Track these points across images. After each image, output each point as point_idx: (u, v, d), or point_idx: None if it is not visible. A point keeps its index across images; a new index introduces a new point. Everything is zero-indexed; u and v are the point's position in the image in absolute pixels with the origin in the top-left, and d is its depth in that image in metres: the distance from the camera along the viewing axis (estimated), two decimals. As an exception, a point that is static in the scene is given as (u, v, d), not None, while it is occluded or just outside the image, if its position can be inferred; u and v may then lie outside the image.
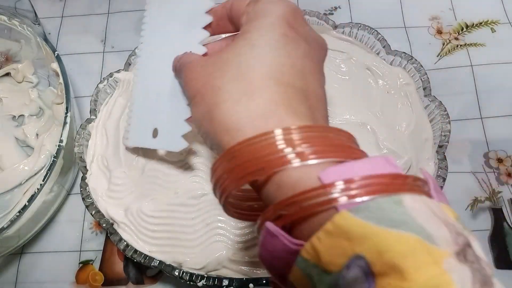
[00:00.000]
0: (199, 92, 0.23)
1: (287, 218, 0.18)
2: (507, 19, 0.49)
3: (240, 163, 0.19)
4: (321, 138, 0.19)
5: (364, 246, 0.15)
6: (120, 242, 0.34)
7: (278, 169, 0.18)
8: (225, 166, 0.20)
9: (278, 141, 0.18)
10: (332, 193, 0.16)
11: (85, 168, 0.38)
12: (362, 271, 0.15)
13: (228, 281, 0.32)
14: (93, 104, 0.41)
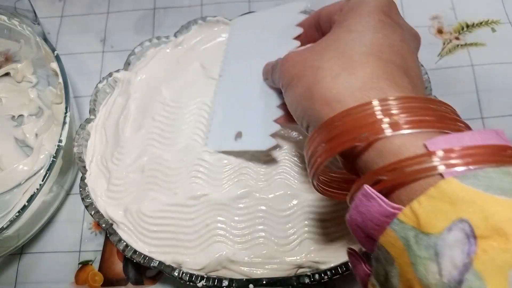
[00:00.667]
0: (296, 75, 0.24)
1: (387, 182, 0.18)
2: (507, 19, 0.49)
3: (340, 131, 0.20)
4: (425, 109, 0.19)
5: (469, 210, 0.15)
6: (119, 242, 0.34)
7: (382, 136, 0.19)
8: (324, 136, 0.21)
9: (382, 110, 0.19)
10: (437, 160, 0.17)
11: (84, 168, 0.38)
12: (464, 234, 0.15)
13: (228, 281, 0.32)
14: (92, 104, 0.41)
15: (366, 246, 0.20)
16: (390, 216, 0.17)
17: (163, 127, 0.38)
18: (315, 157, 0.22)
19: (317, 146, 0.21)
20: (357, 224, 0.19)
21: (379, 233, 0.18)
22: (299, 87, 0.24)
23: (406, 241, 0.17)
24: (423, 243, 0.16)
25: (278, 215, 0.34)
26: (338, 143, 0.20)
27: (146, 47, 0.43)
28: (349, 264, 0.32)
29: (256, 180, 0.35)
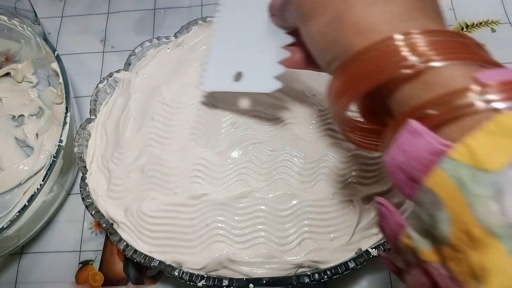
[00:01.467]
0: (320, 3, 0.22)
1: (435, 117, 0.17)
2: (507, 19, 0.49)
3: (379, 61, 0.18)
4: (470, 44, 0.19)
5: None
6: (120, 242, 0.34)
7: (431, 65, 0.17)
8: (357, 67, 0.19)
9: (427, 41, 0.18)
10: (492, 91, 0.16)
11: (84, 168, 0.38)
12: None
13: (228, 281, 0.32)
14: (92, 104, 0.41)
15: (405, 191, 0.18)
16: (439, 154, 0.16)
17: (163, 127, 0.38)
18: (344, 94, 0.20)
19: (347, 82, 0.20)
20: (399, 165, 0.18)
21: (425, 174, 0.16)
22: (325, 15, 0.21)
23: (459, 180, 0.15)
24: (481, 181, 0.15)
25: (278, 215, 0.34)
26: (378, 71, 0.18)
27: (147, 48, 0.43)
28: (348, 264, 0.32)
29: (256, 180, 0.35)
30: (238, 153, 0.37)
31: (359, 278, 0.37)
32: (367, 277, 0.37)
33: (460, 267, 0.16)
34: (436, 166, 0.16)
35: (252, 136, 0.37)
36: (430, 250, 0.17)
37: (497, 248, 0.14)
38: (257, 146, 0.37)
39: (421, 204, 0.17)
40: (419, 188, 0.17)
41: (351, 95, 0.20)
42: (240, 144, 0.37)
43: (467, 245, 0.15)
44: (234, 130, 0.38)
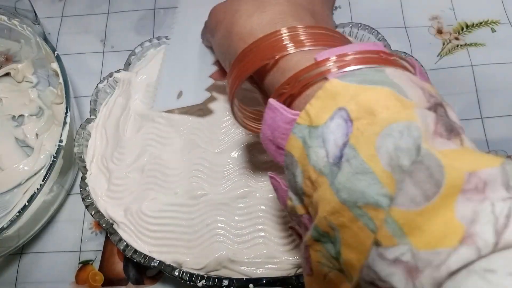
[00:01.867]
0: (219, 20, 0.27)
1: (286, 94, 0.21)
2: (507, 19, 0.49)
3: (251, 56, 0.23)
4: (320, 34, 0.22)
5: (346, 99, 0.18)
6: (120, 242, 0.34)
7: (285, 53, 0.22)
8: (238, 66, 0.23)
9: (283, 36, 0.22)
10: (324, 66, 0.20)
11: (84, 168, 0.38)
12: (343, 119, 0.18)
13: (228, 281, 0.32)
14: (92, 104, 0.41)
15: (278, 159, 0.22)
16: (291, 123, 0.20)
17: (162, 127, 0.38)
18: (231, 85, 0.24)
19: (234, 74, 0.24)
20: (268, 138, 0.22)
21: (285, 141, 0.20)
22: (221, 30, 0.26)
23: (303, 139, 0.19)
24: (313, 135, 0.19)
25: (278, 215, 0.34)
26: (249, 64, 0.23)
27: (147, 48, 0.43)
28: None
29: (256, 180, 0.35)
30: (238, 153, 0.37)
31: (359, 278, 0.37)
32: (367, 277, 0.37)
33: (312, 209, 0.19)
34: (290, 133, 0.20)
35: (252, 136, 0.37)
36: (300, 205, 0.21)
37: (324, 184, 0.18)
38: (257, 146, 0.37)
39: (287, 166, 0.21)
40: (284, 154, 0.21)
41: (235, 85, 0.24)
42: (240, 144, 0.37)
43: (311, 188, 0.19)
44: (234, 130, 0.38)
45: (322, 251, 0.18)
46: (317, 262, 0.19)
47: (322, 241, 0.18)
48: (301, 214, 0.21)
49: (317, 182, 0.18)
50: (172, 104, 0.37)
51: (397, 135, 0.16)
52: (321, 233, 0.18)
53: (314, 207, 0.19)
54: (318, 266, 0.19)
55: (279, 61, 0.22)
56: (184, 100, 0.36)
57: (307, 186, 0.19)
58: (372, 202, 0.16)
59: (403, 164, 0.16)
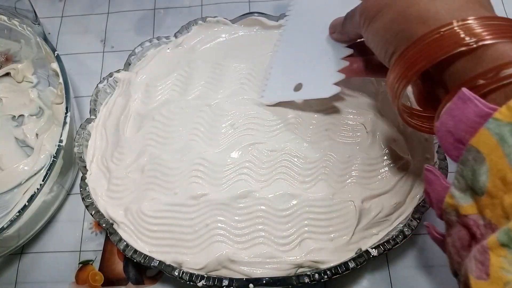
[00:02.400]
0: (385, 5, 0.25)
1: (484, 86, 0.20)
2: (507, 19, 0.49)
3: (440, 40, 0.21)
4: None
5: None
6: (120, 242, 0.34)
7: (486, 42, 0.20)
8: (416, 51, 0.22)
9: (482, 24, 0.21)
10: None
11: (84, 168, 0.38)
12: None
13: (228, 281, 0.32)
14: (92, 104, 0.41)
15: (452, 153, 0.21)
16: (485, 117, 0.18)
17: (162, 127, 0.38)
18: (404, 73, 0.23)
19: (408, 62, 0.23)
20: (448, 129, 0.20)
21: (472, 134, 0.19)
22: (390, 13, 0.25)
23: (501, 136, 0.18)
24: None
25: (278, 215, 0.34)
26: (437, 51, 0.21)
27: (147, 48, 0.43)
28: (348, 264, 0.32)
29: (256, 180, 0.35)
30: (238, 153, 0.37)
31: (359, 278, 0.37)
32: (367, 277, 0.37)
33: (495, 212, 0.18)
34: (482, 127, 0.18)
35: (252, 136, 0.37)
36: (469, 204, 0.19)
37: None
38: (257, 146, 0.37)
39: (465, 162, 0.19)
40: (464, 149, 0.19)
41: (410, 74, 0.23)
42: (240, 144, 0.37)
43: (502, 190, 0.18)
44: (234, 130, 0.38)
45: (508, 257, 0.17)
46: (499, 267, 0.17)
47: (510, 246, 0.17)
48: (466, 214, 0.20)
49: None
50: (288, 95, 0.37)
51: None
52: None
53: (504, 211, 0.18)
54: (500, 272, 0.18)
55: (477, 49, 0.21)
56: (305, 92, 0.36)
57: (495, 186, 0.18)
58: None
59: None
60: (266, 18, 0.44)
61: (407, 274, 0.37)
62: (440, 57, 0.21)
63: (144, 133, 0.38)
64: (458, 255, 0.21)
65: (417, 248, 0.38)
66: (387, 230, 0.34)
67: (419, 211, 0.34)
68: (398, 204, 0.35)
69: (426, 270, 0.37)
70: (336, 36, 0.34)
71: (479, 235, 0.19)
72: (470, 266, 0.19)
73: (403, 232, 0.33)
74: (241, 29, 0.44)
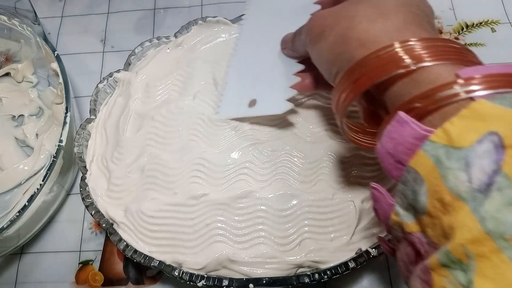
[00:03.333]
0: (328, 25, 0.25)
1: (420, 109, 0.20)
2: (507, 19, 0.49)
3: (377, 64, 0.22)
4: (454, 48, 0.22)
5: (499, 124, 0.17)
6: (119, 242, 0.34)
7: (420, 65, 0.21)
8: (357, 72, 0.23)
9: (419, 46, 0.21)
10: (468, 86, 0.19)
11: (84, 168, 0.38)
12: (494, 144, 0.17)
13: (228, 281, 0.32)
14: (92, 104, 0.41)
15: (393, 174, 0.21)
16: (422, 139, 0.19)
17: (162, 127, 0.38)
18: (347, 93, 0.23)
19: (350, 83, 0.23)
20: (388, 151, 0.21)
21: (410, 156, 0.19)
22: (332, 35, 0.25)
23: (437, 158, 0.18)
24: (453, 156, 0.17)
25: (278, 215, 0.34)
26: (376, 73, 0.22)
27: (147, 48, 0.43)
28: (348, 264, 0.32)
29: (256, 180, 0.35)
30: (238, 153, 0.37)
31: (359, 278, 0.37)
32: (367, 277, 0.37)
33: (435, 231, 0.18)
34: (419, 149, 0.19)
35: (252, 136, 0.37)
36: (413, 222, 0.20)
37: (463, 209, 0.17)
38: (257, 146, 0.37)
39: (406, 182, 0.20)
40: (404, 170, 0.20)
41: (352, 94, 0.23)
42: (240, 144, 0.37)
43: (441, 211, 0.18)
44: (234, 130, 0.38)
45: (449, 278, 0.17)
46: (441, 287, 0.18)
47: (451, 267, 0.17)
48: (410, 231, 0.20)
49: (452, 206, 0.17)
50: (243, 112, 0.37)
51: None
52: (453, 259, 0.17)
53: (443, 230, 0.18)
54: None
55: (415, 71, 0.21)
56: (260, 109, 0.36)
57: (434, 207, 0.18)
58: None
59: None
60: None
61: (407, 274, 0.37)
62: (379, 79, 0.22)
63: (144, 133, 0.38)
64: (406, 269, 0.21)
65: (417, 248, 0.38)
66: (387, 230, 0.35)
67: (419, 211, 0.34)
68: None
69: (426, 270, 0.37)
70: (287, 52, 0.34)
71: (424, 252, 0.19)
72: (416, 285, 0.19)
73: (403, 232, 0.33)
74: (241, 29, 0.44)
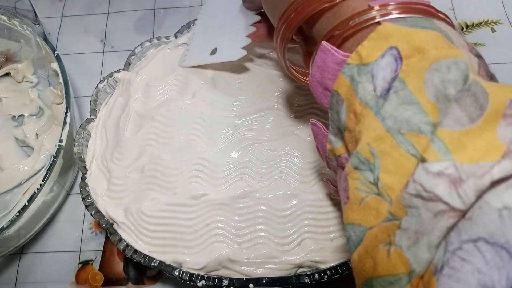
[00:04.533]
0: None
1: (339, 36, 0.22)
2: (507, 19, 0.49)
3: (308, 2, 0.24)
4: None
5: (397, 39, 0.20)
6: (120, 242, 0.34)
7: None
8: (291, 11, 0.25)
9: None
10: (375, 12, 0.21)
11: (84, 168, 0.38)
12: (393, 57, 0.19)
13: (228, 281, 0.32)
14: (93, 104, 0.41)
15: (323, 101, 0.23)
16: (341, 63, 0.21)
17: (162, 127, 0.38)
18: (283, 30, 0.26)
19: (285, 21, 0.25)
20: (317, 80, 0.23)
21: (333, 81, 0.22)
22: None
23: (351, 77, 0.20)
24: (363, 72, 0.20)
25: (278, 215, 0.34)
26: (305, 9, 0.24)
27: (147, 48, 0.43)
28: (348, 264, 0.32)
29: (256, 180, 0.35)
30: (238, 153, 0.37)
31: (359, 278, 0.37)
32: (367, 277, 0.37)
33: (352, 143, 0.21)
34: (339, 73, 0.21)
35: (252, 136, 0.37)
36: (341, 145, 0.22)
37: (368, 115, 0.19)
38: (257, 146, 0.37)
39: (332, 106, 0.22)
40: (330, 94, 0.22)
41: (288, 29, 0.26)
42: (240, 144, 0.37)
43: (354, 122, 0.20)
44: (234, 130, 0.38)
45: (360, 179, 0.19)
46: (354, 189, 0.20)
47: (360, 168, 0.19)
48: (340, 154, 0.22)
49: (362, 114, 0.20)
50: (204, 59, 0.40)
51: (444, 70, 0.18)
52: (361, 159, 0.19)
53: (356, 138, 0.20)
54: (355, 192, 0.20)
55: (336, 5, 0.23)
56: (219, 56, 0.39)
57: (350, 120, 0.21)
58: (415, 129, 0.18)
59: (450, 93, 0.17)
60: (266, 18, 0.44)
61: (407, 274, 0.37)
62: (308, 14, 0.24)
63: (144, 133, 0.38)
64: None
65: (417, 248, 0.38)
66: (387, 230, 0.34)
67: (419, 211, 0.34)
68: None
69: (426, 270, 0.37)
70: (247, 5, 0.37)
71: None
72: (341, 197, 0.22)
73: (403, 232, 0.33)
74: (241, 29, 0.44)
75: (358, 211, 0.20)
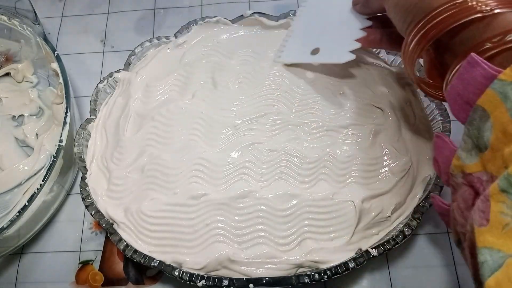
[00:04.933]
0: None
1: (490, 49, 0.22)
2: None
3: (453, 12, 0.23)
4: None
5: None
6: (120, 242, 0.34)
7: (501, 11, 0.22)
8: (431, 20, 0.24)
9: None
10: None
11: (84, 168, 0.38)
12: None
13: (228, 281, 0.32)
14: (92, 104, 0.41)
15: (460, 115, 0.22)
16: (491, 78, 0.20)
17: (162, 127, 0.38)
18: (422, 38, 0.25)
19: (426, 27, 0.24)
20: (458, 92, 0.22)
21: (478, 95, 0.21)
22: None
23: (504, 94, 0.19)
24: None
25: (278, 215, 0.34)
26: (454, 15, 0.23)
27: (147, 48, 0.43)
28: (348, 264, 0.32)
29: (256, 180, 0.35)
30: (238, 153, 0.37)
31: (359, 278, 0.37)
32: (367, 277, 0.37)
33: (496, 164, 0.20)
34: (488, 88, 0.20)
35: (252, 136, 0.37)
36: (474, 163, 0.21)
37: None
38: (257, 146, 0.37)
39: (472, 122, 0.21)
40: (471, 111, 0.21)
41: (424, 39, 0.25)
42: (240, 144, 0.37)
43: (503, 142, 0.19)
44: (234, 130, 0.38)
45: (507, 202, 0.19)
46: (498, 212, 0.19)
47: (509, 192, 0.19)
48: (471, 172, 0.21)
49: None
50: (304, 58, 0.39)
51: None
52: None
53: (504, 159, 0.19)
54: (499, 216, 0.19)
55: (486, 18, 0.23)
56: (321, 57, 0.38)
57: (497, 139, 0.20)
58: None
59: None
60: (266, 18, 0.44)
61: (407, 274, 0.37)
62: (454, 24, 0.23)
63: (144, 133, 0.38)
64: (462, 216, 0.22)
65: (417, 248, 0.38)
66: (387, 230, 0.35)
67: (419, 211, 0.34)
68: (398, 204, 0.35)
69: (426, 270, 0.37)
70: (359, 8, 0.35)
71: (482, 190, 0.20)
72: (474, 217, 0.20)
73: (403, 232, 0.33)
74: (241, 29, 0.44)
75: (499, 236, 0.19)
